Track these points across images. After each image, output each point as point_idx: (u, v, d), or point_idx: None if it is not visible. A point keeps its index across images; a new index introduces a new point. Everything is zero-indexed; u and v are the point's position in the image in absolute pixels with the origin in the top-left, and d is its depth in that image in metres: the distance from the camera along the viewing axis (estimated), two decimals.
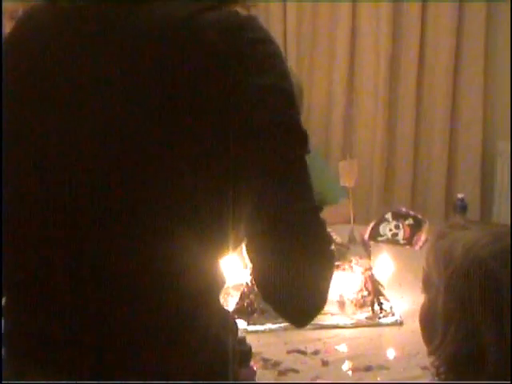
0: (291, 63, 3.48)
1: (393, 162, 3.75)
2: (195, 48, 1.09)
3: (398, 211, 2.94)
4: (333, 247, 1.22)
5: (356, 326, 2.08)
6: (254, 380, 1.62)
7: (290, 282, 1.15)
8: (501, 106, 3.65)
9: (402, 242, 2.74)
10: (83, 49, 1.15)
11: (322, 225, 1.18)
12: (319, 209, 1.17)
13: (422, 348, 1.42)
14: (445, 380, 1.32)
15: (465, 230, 1.37)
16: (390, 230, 2.82)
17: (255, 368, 1.66)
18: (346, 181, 2.31)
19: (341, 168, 2.32)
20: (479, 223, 1.47)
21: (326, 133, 3.69)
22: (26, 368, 1.21)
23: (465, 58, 3.67)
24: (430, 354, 1.34)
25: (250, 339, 1.50)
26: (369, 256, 2.23)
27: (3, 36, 1.23)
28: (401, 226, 2.82)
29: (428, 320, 1.38)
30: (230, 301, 2.10)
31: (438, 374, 1.33)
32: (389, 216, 2.91)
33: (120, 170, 1.11)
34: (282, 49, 1.18)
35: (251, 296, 2.05)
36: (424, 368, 1.76)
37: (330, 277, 1.22)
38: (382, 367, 1.86)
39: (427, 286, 1.40)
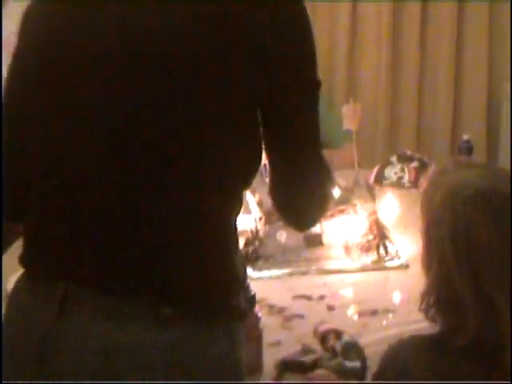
0: None
1: (397, 104, 3.71)
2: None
3: (403, 154, 2.93)
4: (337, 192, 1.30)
5: (361, 270, 2.07)
6: (258, 326, 1.62)
7: (300, 187, 1.32)
8: (506, 47, 3.59)
9: (407, 184, 2.73)
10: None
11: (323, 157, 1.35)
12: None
13: None
14: (433, 322, 1.31)
15: (464, 168, 1.35)
16: (395, 173, 2.81)
17: (260, 314, 1.65)
18: (350, 124, 2.27)
19: (344, 111, 2.28)
20: (475, 165, 1.43)
21: (330, 77, 3.64)
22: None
23: None
24: (421, 299, 1.33)
25: (254, 286, 1.48)
26: (374, 200, 2.21)
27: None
28: (406, 168, 2.81)
29: (423, 266, 1.36)
30: None
31: (428, 318, 1.32)
32: (394, 159, 2.90)
33: (169, 115, 1.19)
34: None
35: (256, 242, 2.05)
36: None
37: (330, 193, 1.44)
38: (387, 311, 1.86)
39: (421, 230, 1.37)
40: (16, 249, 2.09)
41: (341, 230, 2.07)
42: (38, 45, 1.28)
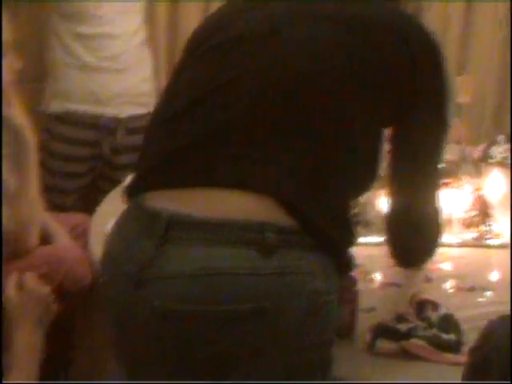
0: None
1: (509, 82, 3.61)
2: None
3: (511, 134, 2.85)
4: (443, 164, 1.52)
5: (462, 245, 2.04)
6: (354, 289, 1.61)
7: (414, 218, 1.46)
8: None
9: None
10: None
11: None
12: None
13: None
14: None
15: None
16: (501, 152, 2.74)
17: (356, 278, 1.65)
18: (463, 97, 2.22)
19: (457, 83, 2.24)
20: None
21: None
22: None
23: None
24: None
25: (352, 250, 1.49)
26: (480, 176, 2.17)
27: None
28: None
29: None
30: None
31: None
32: (501, 139, 2.82)
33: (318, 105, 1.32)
34: None
35: (356, 208, 2.03)
36: None
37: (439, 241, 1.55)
38: (485, 288, 1.83)
39: None
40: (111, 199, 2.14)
41: (445, 203, 2.03)
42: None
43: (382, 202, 2.04)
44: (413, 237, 1.49)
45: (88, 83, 2.72)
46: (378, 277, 1.86)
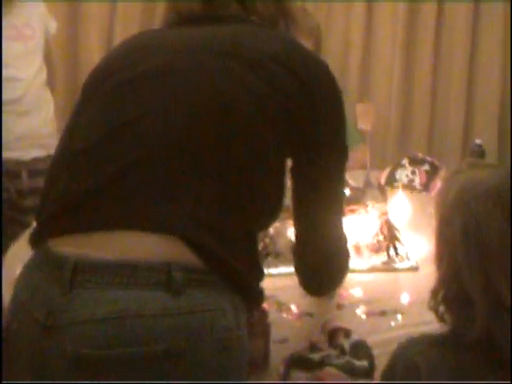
0: (308, 6, 3.42)
1: (410, 106, 3.70)
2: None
3: (414, 157, 2.91)
4: (348, 191, 1.53)
5: (371, 270, 2.06)
6: (266, 321, 1.61)
7: (321, 246, 1.49)
8: None
9: (418, 187, 2.72)
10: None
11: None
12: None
13: None
14: (442, 322, 1.31)
15: (477, 168, 1.35)
16: (407, 175, 2.80)
17: (267, 310, 1.65)
18: (364, 123, 2.27)
19: (358, 111, 2.28)
20: (488, 165, 1.44)
21: (343, 77, 3.62)
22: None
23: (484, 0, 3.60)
24: (431, 297, 1.33)
25: (263, 282, 1.48)
26: (385, 200, 2.21)
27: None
28: (417, 171, 2.80)
29: (435, 264, 1.36)
30: None
31: (438, 317, 1.32)
32: (405, 162, 2.88)
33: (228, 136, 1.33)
34: None
35: (266, 239, 2.04)
36: None
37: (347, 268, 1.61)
38: (396, 311, 1.85)
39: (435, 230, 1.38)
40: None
41: (351, 229, 2.06)
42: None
43: (291, 231, 2.05)
44: (320, 266, 1.51)
45: None
46: (291, 307, 1.86)
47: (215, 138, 1.32)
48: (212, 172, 1.31)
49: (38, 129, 2.78)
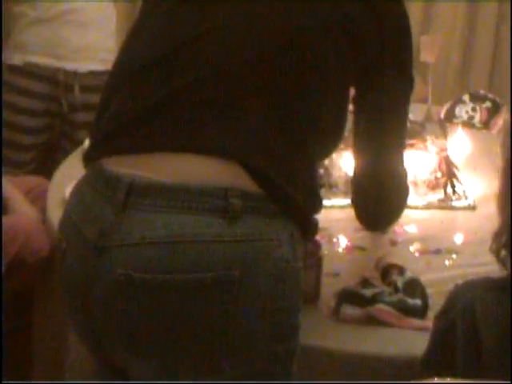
0: None
1: (473, 41, 3.58)
2: None
3: (475, 93, 2.83)
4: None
5: (427, 207, 2.02)
6: (318, 254, 1.58)
7: (380, 177, 1.44)
8: None
9: (478, 125, 2.64)
10: None
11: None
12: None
13: None
14: (503, 264, 1.26)
15: None
16: (467, 112, 2.72)
17: (320, 242, 1.62)
18: (428, 56, 2.19)
19: (422, 43, 2.20)
20: None
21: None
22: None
23: None
24: (493, 239, 1.28)
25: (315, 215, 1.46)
26: (445, 136, 2.14)
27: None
28: (478, 108, 2.72)
29: (499, 206, 1.31)
30: None
31: (499, 261, 1.27)
32: (466, 98, 2.80)
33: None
34: None
35: (321, 170, 1.99)
36: None
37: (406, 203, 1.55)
38: (451, 251, 1.81)
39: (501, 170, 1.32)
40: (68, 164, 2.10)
41: (409, 164, 2.00)
42: None
43: (346, 163, 2.01)
44: (379, 199, 1.47)
45: (49, 36, 2.65)
46: (342, 240, 1.83)
47: (278, 62, 1.27)
48: (273, 97, 1.26)
49: (97, 42, 2.72)
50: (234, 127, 1.25)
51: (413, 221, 1.92)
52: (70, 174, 1.98)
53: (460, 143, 2.27)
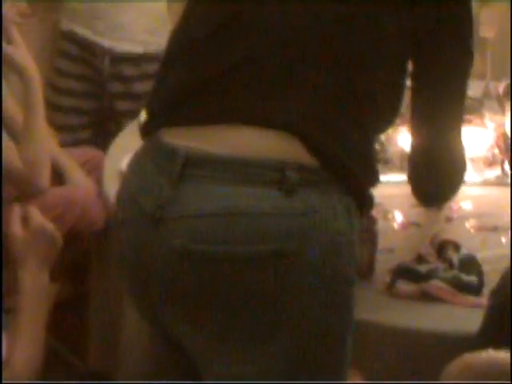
0: None
1: None
2: None
3: None
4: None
5: (484, 184, 1.99)
6: (373, 229, 1.57)
7: (439, 149, 1.42)
8: None
9: None
10: None
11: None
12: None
13: None
14: None
15: None
16: None
17: (376, 217, 1.61)
18: (487, 31, 2.15)
19: (482, 17, 2.16)
20: None
21: None
22: None
23: None
24: None
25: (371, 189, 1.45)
26: (503, 112, 2.10)
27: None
28: None
29: None
30: None
31: None
32: None
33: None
34: None
35: (376, 145, 1.97)
36: None
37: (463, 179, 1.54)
38: (507, 228, 1.78)
39: None
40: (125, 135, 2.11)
41: (466, 141, 1.98)
42: None
43: (401, 139, 1.99)
44: (436, 174, 1.46)
45: (89, 7, 2.61)
46: (397, 216, 1.82)
47: (335, 33, 1.26)
48: (331, 69, 1.25)
49: (137, 23, 2.64)
50: (291, 100, 1.24)
51: (469, 197, 1.90)
52: (125, 146, 2.00)
53: None
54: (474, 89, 2.20)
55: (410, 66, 1.38)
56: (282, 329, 1.23)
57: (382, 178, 1.90)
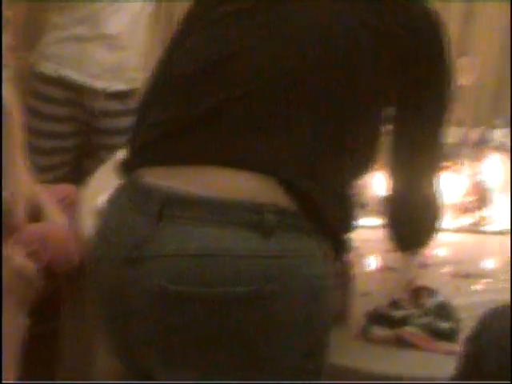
0: None
1: (508, 64, 3.56)
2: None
3: (510, 117, 2.80)
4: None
5: (458, 231, 2.01)
6: (350, 272, 1.58)
7: (416, 194, 1.45)
8: None
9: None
10: None
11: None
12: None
13: None
14: None
15: None
16: (500, 136, 2.69)
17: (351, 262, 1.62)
18: (465, 79, 2.18)
19: (459, 65, 2.19)
20: None
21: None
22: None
23: None
24: None
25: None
26: (479, 160, 2.13)
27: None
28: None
29: None
30: None
31: None
32: (500, 122, 2.77)
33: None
34: None
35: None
36: None
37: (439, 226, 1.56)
38: (482, 275, 1.80)
39: None
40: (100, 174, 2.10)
41: (443, 186, 1.99)
42: None
43: (378, 183, 2.01)
44: (412, 220, 1.47)
45: (82, 54, 2.66)
46: (373, 260, 1.82)
47: (318, 79, 1.28)
48: (311, 116, 1.26)
49: (127, 62, 2.73)
50: (270, 143, 1.25)
51: (443, 244, 1.91)
52: (102, 183, 1.99)
53: (494, 167, 2.25)
54: (452, 135, 2.23)
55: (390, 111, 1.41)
56: (257, 371, 1.23)
57: (359, 221, 1.94)
